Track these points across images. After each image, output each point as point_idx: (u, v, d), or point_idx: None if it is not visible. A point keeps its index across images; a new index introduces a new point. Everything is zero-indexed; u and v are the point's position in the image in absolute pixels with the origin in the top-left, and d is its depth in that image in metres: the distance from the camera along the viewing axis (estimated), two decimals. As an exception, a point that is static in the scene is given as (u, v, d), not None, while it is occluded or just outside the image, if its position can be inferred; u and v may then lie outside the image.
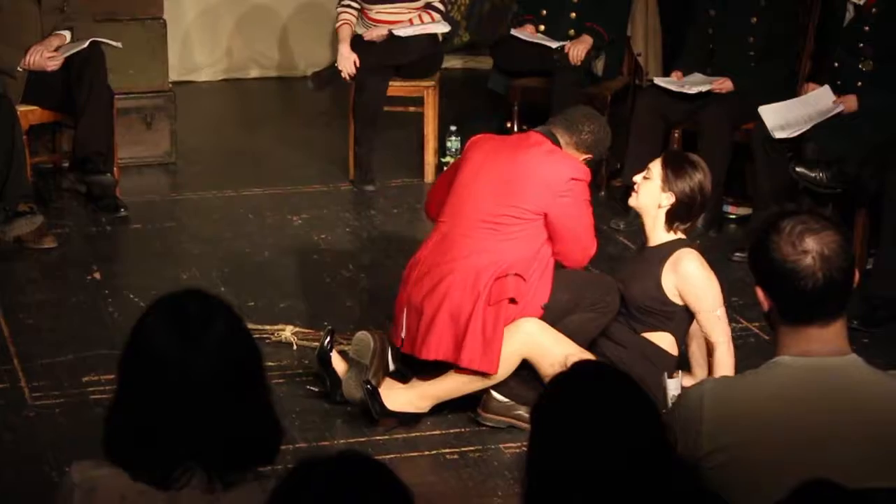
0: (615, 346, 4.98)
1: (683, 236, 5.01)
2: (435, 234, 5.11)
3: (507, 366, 4.90)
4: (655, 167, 4.99)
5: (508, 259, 4.91)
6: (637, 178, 5.05)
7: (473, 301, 4.85)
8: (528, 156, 5.01)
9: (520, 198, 4.95)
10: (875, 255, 6.10)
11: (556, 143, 5.08)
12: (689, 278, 4.89)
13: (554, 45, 7.40)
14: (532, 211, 4.94)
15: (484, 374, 4.88)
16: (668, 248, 4.94)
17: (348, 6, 7.63)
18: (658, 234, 4.99)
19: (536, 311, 4.94)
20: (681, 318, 4.94)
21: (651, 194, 4.96)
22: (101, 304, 5.96)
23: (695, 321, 4.95)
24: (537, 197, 4.94)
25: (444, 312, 4.88)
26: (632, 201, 5.06)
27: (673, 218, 4.95)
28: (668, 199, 4.93)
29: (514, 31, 7.62)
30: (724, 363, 4.82)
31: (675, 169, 4.95)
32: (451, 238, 5.00)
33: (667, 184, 4.93)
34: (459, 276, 4.89)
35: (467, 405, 5.00)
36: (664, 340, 4.94)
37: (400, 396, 4.95)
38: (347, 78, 7.43)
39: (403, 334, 5.00)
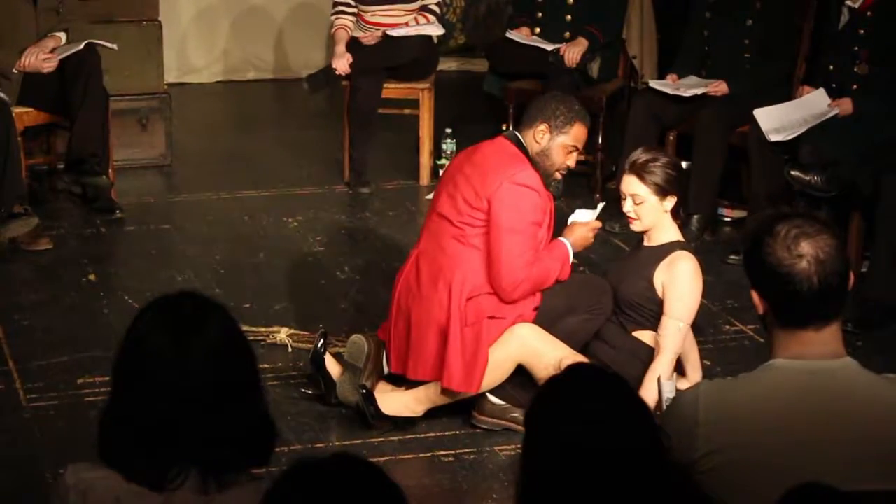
0: (608, 348, 4.98)
1: (680, 235, 5.01)
2: (414, 251, 5.09)
3: (501, 371, 4.89)
4: (637, 188, 4.90)
5: (481, 273, 4.87)
6: (627, 209, 4.95)
7: (449, 320, 4.83)
8: (487, 159, 4.96)
9: (471, 205, 4.88)
10: (870, 258, 6.11)
11: (520, 142, 5.02)
12: (678, 277, 4.88)
13: (549, 47, 7.40)
14: (481, 219, 4.86)
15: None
16: (668, 249, 4.94)
17: (343, 11, 7.64)
18: (668, 230, 4.97)
19: (528, 316, 4.93)
20: None
21: (653, 211, 4.92)
22: (96, 305, 5.95)
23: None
24: (481, 202, 4.85)
25: (428, 332, 4.88)
26: (637, 227, 4.98)
27: (676, 205, 4.97)
28: (670, 202, 4.93)
29: (509, 34, 7.62)
30: (659, 371, 4.69)
31: (647, 172, 4.90)
32: (429, 254, 4.98)
33: (656, 189, 4.90)
34: (438, 295, 4.87)
35: (462, 408, 5.00)
36: (653, 341, 4.93)
37: (395, 400, 4.95)
38: (342, 75, 7.43)
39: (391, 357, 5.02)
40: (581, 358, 4.80)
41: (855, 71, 6.54)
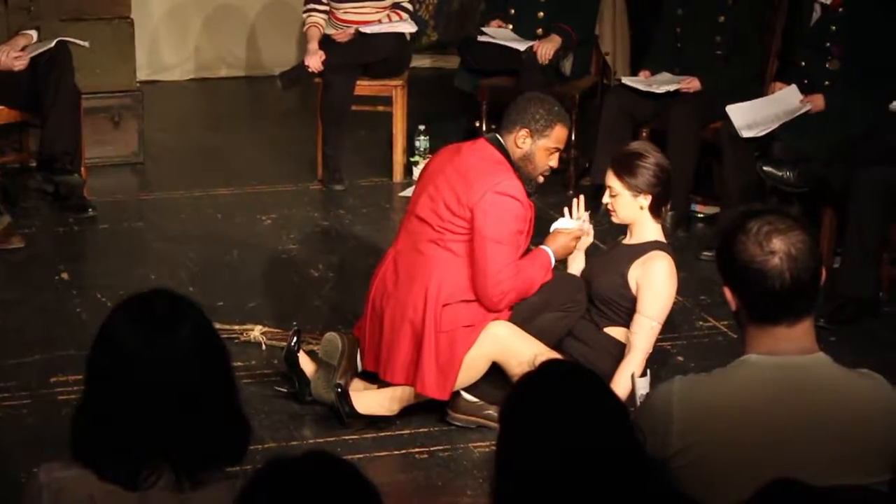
0: (581, 345, 4.98)
1: (662, 236, 5.00)
2: (391, 251, 5.08)
3: (476, 369, 4.89)
4: (613, 181, 4.94)
5: (458, 279, 4.86)
6: (605, 200, 5.00)
7: (422, 326, 4.83)
8: (470, 164, 4.93)
9: (452, 211, 4.88)
10: (842, 254, 6.13)
11: (502, 146, 5.02)
12: (652, 277, 4.88)
13: (522, 47, 7.40)
14: (463, 227, 4.86)
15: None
16: (646, 248, 4.94)
17: (314, 9, 7.63)
18: (647, 229, 4.97)
19: (503, 314, 4.93)
20: None
21: (627, 206, 4.94)
22: (69, 304, 5.93)
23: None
24: (463, 209, 4.85)
25: (403, 336, 4.87)
26: (615, 220, 5.01)
27: (657, 206, 4.95)
28: (645, 200, 4.93)
29: (484, 31, 7.60)
30: (631, 368, 4.70)
31: (628, 171, 4.92)
32: (406, 255, 4.98)
33: (632, 188, 4.92)
34: (413, 299, 4.86)
35: (436, 405, 5.00)
36: (626, 338, 4.93)
37: (370, 399, 4.95)
38: (314, 72, 7.42)
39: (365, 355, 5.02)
40: (555, 355, 4.80)
41: (827, 67, 6.56)
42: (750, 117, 6.56)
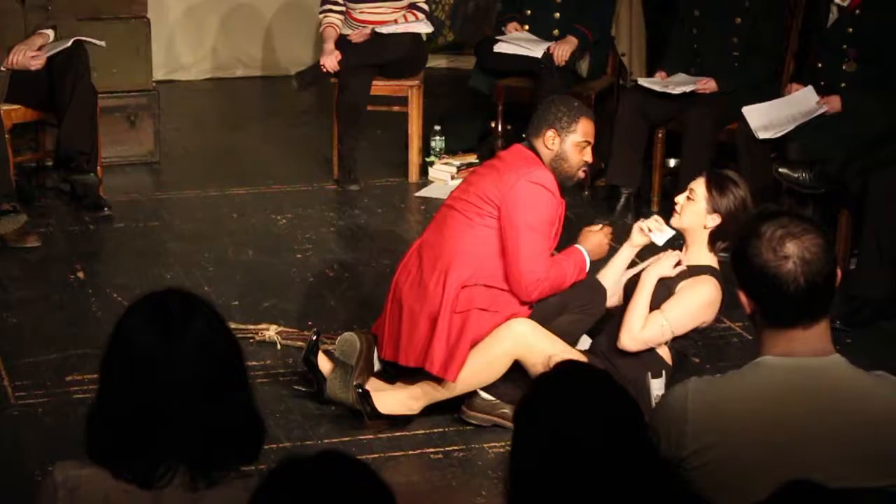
0: (609, 346, 4.95)
1: (716, 263, 4.93)
2: (417, 241, 5.12)
3: (498, 367, 4.88)
4: (699, 188, 4.90)
5: (479, 264, 4.88)
6: (679, 199, 4.95)
7: (439, 305, 4.85)
8: (505, 163, 5.02)
9: (482, 191, 4.94)
10: (858, 256, 6.11)
11: (535, 151, 5.05)
12: (692, 292, 4.84)
13: (538, 53, 7.38)
14: (489, 207, 4.91)
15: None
16: (700, 270, 4.89)
17: (331, 9, 7.63)
18: (697, 254, 4.93)
19: (524, 311, 4.93)
20: (682, 337, 4.90)
21: (696, 215, 4.91)
22: (85, 303, 5.95)
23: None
24: (494, 189, 4.91)
25: (419, 319, 4.88)
26: (675, 222, 4.96)
27: (717, 237, 4.91)
28: (713, 220, 4.89)
29: (498, 43, 7.56)
30: (634, 307, 4.81)
31: (719, 188, 4.89)
32: (430, 243, 5.00)
33: (711, 204, 4.89)
34: (434, 280, 4.88)
35: (451, 405, 5.00)
36: (659, 350, 4.92)
37: (390, 398, 4.94)
38: (330, 72, 7.42)
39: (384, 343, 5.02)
40: (577, 355, 4.80)
41: (843, 69, 6.55)
42: (766, 118, 6.55)
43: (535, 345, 4.83)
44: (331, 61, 7.42)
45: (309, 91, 8.03)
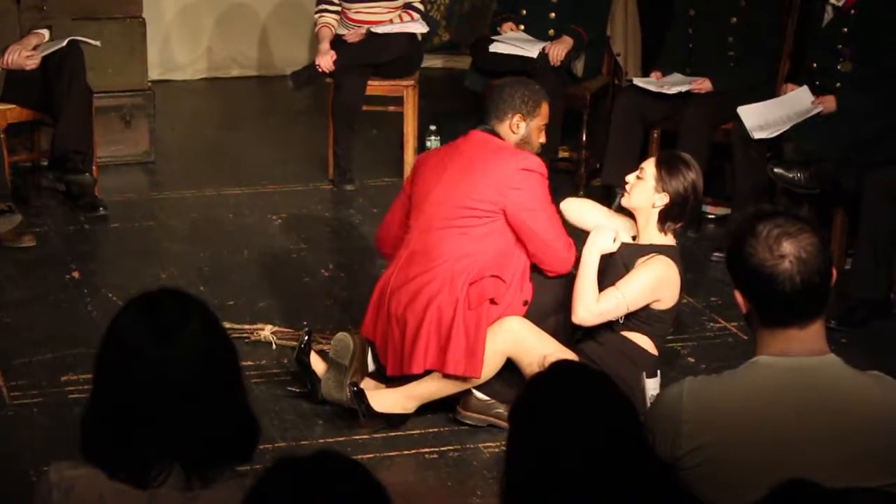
0: (595, 344, 4.97)
1: (673, 241, 4.98)
2: (403, 252, 5.07)
3: (491, 365, 4.89)
4: (649, 167, 4.95)
5: (481, 261, 4.90)
6: (630, 178, 4.99)
7: (454, 306, 4.84)
8: (475, 155, 5.02)
9: (475, 197, 4.94)
10: (853, 255, 6.12)
11: (497, 136, 5.07)
12: (647, 267, 4.85)
13: (534, 53, 7.38)
14: (489, 210, 4.93)
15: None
16: (652, 249, 4.92)
17: (326, 9, 7.63)
18: (650, 233, 4.95)
19: (519, 310, 4.94)
20: (657, 320, 4.92)
21: (644, 194, 4.94)
22: (80, 303, 5.94)
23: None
24: (490, 191, 4.94)
25: (428, 321, 4.87)
26: (624, 201, 5.00)
27: (666, 217, 4.92)
28: (661, 200, 4.91)
29: (493, 43, 7.56)
30: (582, 276, 4.86)
31: (668, 168, 4.92)
32: (421, 250, 4.99)
33: (660, 184, 4.90)
34: (437, 283, 4.88)
35: (446, 405, 5.00)
36: (641, 341, 4.92)
37: (386, 398, 4.94)
38: (325, 72, 7.42)
39: (387, 360, 5.00)
40: (569, 354, 4.80)
41: (838, 69, 6.55)
42: (761, 118, 6.55)
43: (529, 343, 4.84)
44: (326, 61, 7.42)
45: (304, 91, 8.03)
